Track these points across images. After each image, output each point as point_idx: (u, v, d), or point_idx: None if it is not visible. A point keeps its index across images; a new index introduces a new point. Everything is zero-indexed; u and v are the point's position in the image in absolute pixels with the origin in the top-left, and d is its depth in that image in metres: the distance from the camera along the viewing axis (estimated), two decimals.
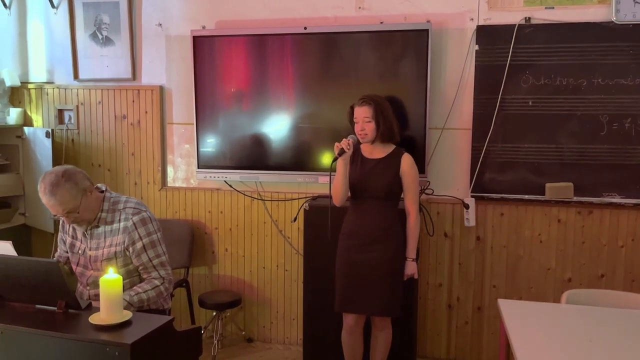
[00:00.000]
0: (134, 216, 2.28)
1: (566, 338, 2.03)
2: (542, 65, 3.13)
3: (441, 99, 3.32)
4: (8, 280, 1.86)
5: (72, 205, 2.15)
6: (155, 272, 2.31)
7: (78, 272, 2.37)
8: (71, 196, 2.14)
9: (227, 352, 3.59)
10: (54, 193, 2.11)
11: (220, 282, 3.78)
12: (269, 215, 3.65)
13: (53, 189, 2.11)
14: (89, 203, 2.22)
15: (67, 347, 1.64)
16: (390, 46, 3.27)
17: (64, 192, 2.12)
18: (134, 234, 2.27)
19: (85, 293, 2.34)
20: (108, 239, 2.30)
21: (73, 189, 2.15)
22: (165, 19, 3.69)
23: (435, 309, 3.48)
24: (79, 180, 2.19)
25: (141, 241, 2.28)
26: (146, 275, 2.32)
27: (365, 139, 2.74)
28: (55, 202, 2.12)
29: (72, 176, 2.17)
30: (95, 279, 2.29)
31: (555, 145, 3.17)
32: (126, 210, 2.31)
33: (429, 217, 3.36)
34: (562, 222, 3.27)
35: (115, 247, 2.28)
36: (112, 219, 2.30)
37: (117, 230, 2.29)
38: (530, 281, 3.33)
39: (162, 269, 2.33)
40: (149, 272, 2.31)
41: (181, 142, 3.77)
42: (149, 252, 2.29)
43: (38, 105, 3.98)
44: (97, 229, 2.31)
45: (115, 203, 2.33)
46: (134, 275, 2.34)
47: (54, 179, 2.13)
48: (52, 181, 2.13)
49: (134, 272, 2.34)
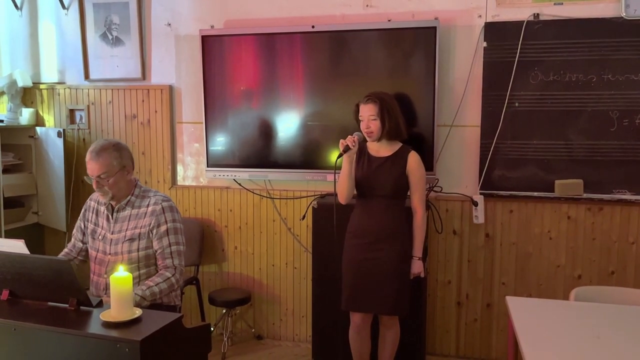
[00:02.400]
0: (164, 202, 2.42)
1: (574, 335, 2.02)
2: (551, 62, 3.12)
3: (449, 96, 3.31)
4: (21, 278, 1.89)
5: (108, 171, 2.31)
6: (170, 259, 2.37)
7: (98, 259, 2.43)
8: (111, 164, 2.32)
9: (237, 349, 3.62)
10: (99, 154, 2.31)
11: (230, 280, 3.81)
12: (278, 213, 3.67)
13: (101, 150, 2.32)
14: (122, 179, 2.37)
15: (79, 343, 1.67)
16: (398, 44, 3.27)
17: (107, 158, 2.31)
18: (161, 217, 2.38)
19: (102, 282, 2.39)
20: (132, 222, 2.40)
21: (116, 159, 2.33)
22: (174, 19, 3.72)
23: (444, 306, 3.48)
24: (124, 155, 2.39)
25: (166, 225, 2.38)
26: (162, 260, 2.37)
27: (371, 137, 2.74)
28: (96, 163, 2.30)
29: (120, 149, 2.38)
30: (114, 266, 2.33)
31: (565, 142, 3.15)
32: (156, 197, 2.45)
33: (437, 214, 3.36)
34: (572, 219, 3.25)
35: (140, 229, 2.37)
36: (140, 204, 2.42)
37: (144, 213, 2.40)
38: (540, 278, 3.32)
39: (178, 257, 2.39)
40: (165, 257, 2.37)
41: (191, 141, 3.80)
42: (170, 237, 2.38)
43: (50, 106, 4.03)
44: (124, 212, 2.42)
45: (146, 191, 2.48)
46: (152, 264, 2.39)
47: (105, 144, 2.35)
48: (103, 144, 2.35)
49: (152, 257, 2.39)
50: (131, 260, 2.34)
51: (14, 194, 3.82)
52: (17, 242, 2.05)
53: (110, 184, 2.33)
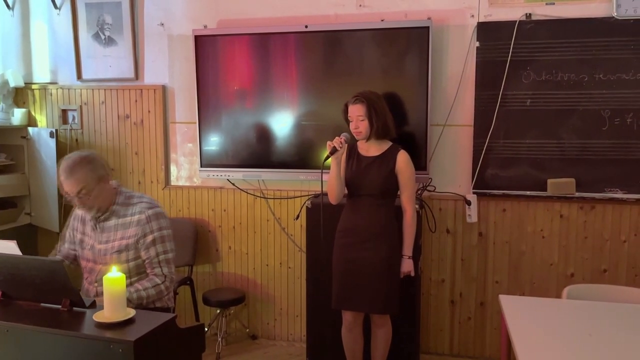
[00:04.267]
0: (148, 210, 2.35)
1: (566, 333, 2.04)
2: (543, 61, 3.13)
3: (442, 96, 3.32)
4: (13, 279, 1.88)
5: (86, 186, 2.23)
6: (159, 268, 2.33)
7: (88, 268, 2.39)
8: (87, 178, 2.23)
9: (231, 349, 3.62)
10: (72, 172, 2.22)
11: (224, 280, 3.80)
12: (272, 213, 3.67)
13: (73, 168, 2.23)
14: (102, 191, 2.30)
15: (72, 344, 1.66)
16: (391, 43, 3.27)
17: (81, 173, 2.23)
18: (147, 227, 2.32)
19: (92, 290, 2.37)
20: (119, 232, 2.34)
21: (90, 172, 2.25)
22: (167, 19, 3.71)
23: (438, 305, 3.49)
24: (97, 166, 2.29)
25: (152, 234, 2.32)
26: (150, 270, 2.34)
27: (359, 137, 2.75)
28: (72, 181, 2.22)
29: (91, 161, 2.29)
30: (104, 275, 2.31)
31: (557, 141, 3.17)
32: (141, 204, 2.37)
33: (431, 213, 3.37)
34: (564, 218, 3.27)
35: (127, 240, 2.32)
36: (124, 212, 2.35)
37: (129, 223, 2.34)
38: (533, 276, 3.34)
39: (167, 266, 2.35)
40: (153, 267, 2.34)
41: (184, 141, 3.79)
42: (157, 246, 2.33)
43: (42, 106, 4.01)
44: (109, 222, 2.36)
45: (129, 198, 2.40)
46: (143, 272, 2.37)
47: (76, 160, 2.26)
48: (73, 160, 2.25)
49: (143, 266, 2.36)
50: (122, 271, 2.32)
51: (6, 195, 3.81)
52: (9, 243, 2.04)
53: (93, 197, 2.26)
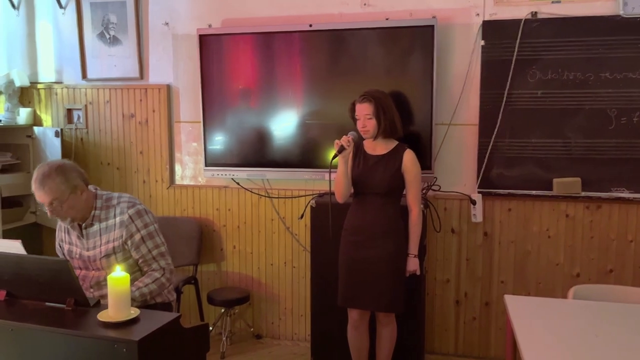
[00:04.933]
0: (129, 209, 2.31)
1: (572, 333, 2.02)
2: (549, 60, 3.11)
3: (447, 95, 3.31)
4: (18, 278, 1.89)
5: (57, 198, 2.18)
6: (156, 263, 2.33)
7: (81, 275, 2.36)
8: (59, 190, 2.18)
9: (236, 348, 3.62)
10: (43, 183, 2.17)
11: (228, 279, 3.81)
12: (276, 212, 3.67)
13: (43, 179, 2.17)
14: (77, 201, 2.24)
15: (76, 344, 1.66)
16: (396, 42, 3.26)
17: (52, 185, 2.17)
18: (131, 226, 2.29)
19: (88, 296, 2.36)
20: (104, 236, 2.31)
21: (62, 184, 2.19)
22: (172, 18, 3.71)
23: (442, 305, 3.48)
24: (71, 177, 2.22)
25: (139, 233, 2.30)
26: (147, 267, 2.34)
27: (366, 136, 2.75)
28: (43, 192, 2.18)
29: (65, 171, 2.22)
30: (98, 280, 2.31)
31: (563, 140, 3.15)
32: (120, 205, 2.33)
33: (435, 213, 3.35)
34: (570, 217, 3.25)
35: (113, 243, 2.30)
36: (106, 216, 2.32)
37: (112, 225, 2.30)
38: (539, 277, 3.32)
39: (162, 259, 2.35)
40: (149, 264, 2.33)
41: (189, 140, 3.79)
42: (147, 243, 2.32)
43: (47, 105, 4.02)
44: (92, 228, 2.32)
45: (108, 199, 2.35)
46: (135, 271, 2.36)
47: (47, 170, 2.19)
48: (44, 172, 2.19)
49: (135, 266, 2.35)
50: None
51: (12, 194, 3.81)
52: (14, 243, 2.04)
53: (66, 208, 2.22)
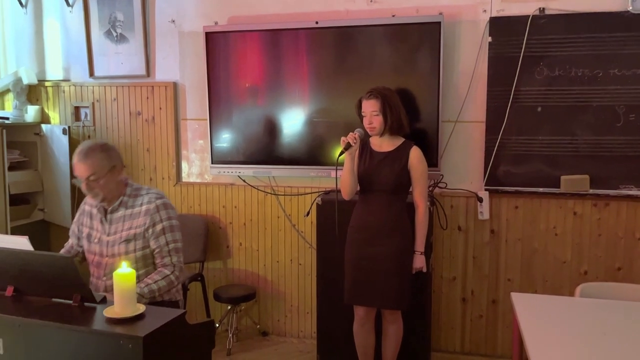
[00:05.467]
0: (157, 200, 2.38)
1: (579, 331, 2.01)
2: (556, 57, 3.09)
3: (454, 92, 3.29)
4: (25, 274, 1.90)
5: (97, 172, 2.27)
6: (169, 257, 2.35)
7: (95, 262, 2.41)
8: (100, 165, 2.27)
9: (242, 345, 3.63)
10: (86, 156, 2.27)
11: (234, 276, 3.81)
12: (282, 209, 3.67)
13: (88, 152, 2.28)
14: (112, 180, 2.33)
15: (82, 339, 1.67)
16: (402, 39, 3.25)
17: (95, 159, 2.27)
18: (156, 215, 2.35)
19: (100, 285, 2.38)
20: (127, 222, 2.36)
21: (104, 160, 2.29)
22: (179, 16, 3.71)
23: (449, 303, 3.47)
24: (112, 156, 2.34)
25: (162, 223, 2.35)
26: (160, 259, 2.36)
27: (373, 132, 2.74)
28: (84, 164, 2.26)
29: (108, 149, 2.34)
30: (112, 267, 2.32)
31: (571, 137, 3.13)
32: (149, 195, 2.40)
33: (442, 210, 3.34)
34: (577, 215, 3.23)
35: (135, 230, 2.34)
36: (133, 203, 2.38)
37: (138, 213, 2.36)
38: (546, 274, 3.30)
39: (176, 255, 2.37)
40: (163, 256, 2.35)
41: (195, 137, 3.80)
42: (167, 235, 2.35)
43: (55, 103, 4.04)
44: (117, 213, 2.38)
45: (137, 189, 2.44)
46: (150, 263, 2.38)
47: (92, 145, 2.32)
48: (90, 146, 2.31)
49: (149, 257, 2.37)
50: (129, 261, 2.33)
51: (20, 191, 3.85)
52: (21, 239, 2.05)
53: (101, 185, 2.28)
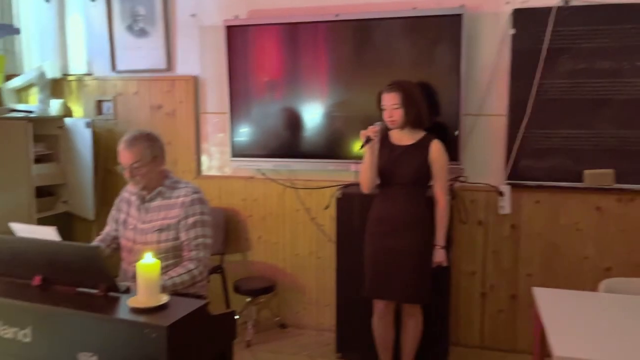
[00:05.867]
0: (193, 194, 2.43)
1: (603, 327, 1.99)
2: (581, 49, 3.04)
3: (475, 85, 3.26)
4: (52, 264, 1.94)
5: (139, 160, 2.35)
6: (195, 251, 2.38)
7: (128, 247, 2.47)
8: (144, 153, 2.36)
9: (261, 337, 3.65)
10: (132, 144, 2.36)
11: (254, 269, 3.84)
12: (302, 203, 3.68)
13: (134, 140, 2.37)
14: (154, 170, 2.40)
15: (107, 328, 1.70)
16: (423, 32, 3.23)
17: (140, 147, 2.36)
18: (190, 209, 2.39)
19: (130, 270, 2.43)
20: (162, 212, 2.42)
21: (148, 149, 2.37)
22: (199, 10, 3.73)
23: (468, 297, 3.45)
24: (156, 146, 2.42)
25: (194, 217, 2.39)
26: (187, 252, 2.39)
27: (393, 126, 2.73)
28: (129, 151, 2.35)
29: (153, 139, 2.42)
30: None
31: (595, 131, 3.08)
32: (186, 188, 2.46)
33: (462, 204, 3.32)
34: (601, 210, 3.18)
35: (169, 220, 2.39)
36: (170, 195, 2.44)
37: (174, 204, 2.42)
38: (567, 270, 3.26)
39: (203, 250, 2.40)
40: (190, 249, 2.39)
41: (215, 131, 3.83)
42: (197, 229, 2.39)
43: (78, 97, 4.10)
44: (154, 202, 2.44)
45: (176, 182, 2.49)
46: (179, 255, 2.42)
47: (138, 134, 2.40)
48: (136, 135, 2.39)
49: (180, 248, 2.41)
50: (160, 250, 2.37)
51: (44, 184, 3.91)
52: (49, 229, 2.10)
53: (142, 173, 2.36)
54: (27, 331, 1.79)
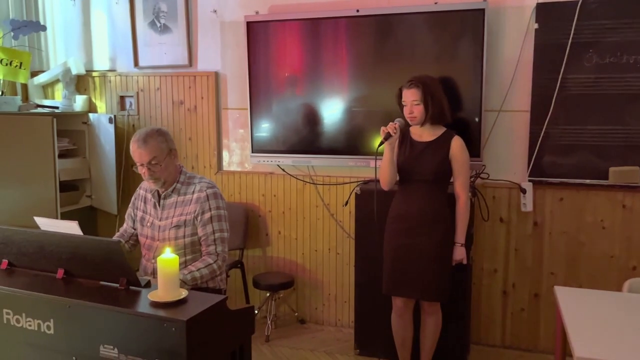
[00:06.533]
0: (208, 189, 2.44)
1: (626, 327, 1.94)
2: (607, 43, 2.97)
3: (498, 81, 3.22)
4: (75, 257, 1.97)
5: (158, 156, 2.35)
6: (214, 246, 2.41)
7: (146, 244, 2.50)
8: (159, 149, 2.36)
9: (280, 332, 3.67)
10: (146, 141, 2.34)
11: (273, 264, 3.86)
12: (321, 199, 3.68)
13: (146, 137, 2.35)
14: (170, 164, 2.41)
15: (128, 321, 1.73)
16: (445, 27, 3.19)
17: (154, 143, 2.35)
18: (206, 204, 2.41)
19: (150, 267, 2.46)
20: (179, 209, 2.44)
21: (162, 143, 2.37)
22: (220, 6, 3.75)
23: (489, 295, 3.41)
24: (169, 139, 2.43)
25: (210, 212, 2.41)
26: (205, 247, 2.42)
27: (414, 122, 2.71)
28: (145, 149, 2.34)
29: (164, 134, 2.42)
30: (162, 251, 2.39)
31: (622, 127, 3.01)
32: (201, 184, 2.47)
33: (484, 201, 3.28)
34: (627, 208, 3.11)
35: (185, 216, 2.41)
36: (185, 191, 2.45)
37: (189, 200, 2.43)
38: (592, 269, 3.20)
39: (221, 244, 2.42)
40: (209, 244, 2.41)
41: (236, 126, 3.85)
42: (214, 224, 2.41)
43: (102, 92, 4.16)
44: (170, 199, 2.46)
45: (191, 178, 2.50)
46: (197, 250, 2.44)
47: (149, 131, 2.39)
48: (147, 131, 2.38)
49: (198, 244, 2.44)
50: (178, 246, 2.40)
51: (69, 178, 3.98)
52: (71, 223, 2.13)
53: (162, 168, 2.37)
54: (49, 323, 1.83)
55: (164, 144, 2.37)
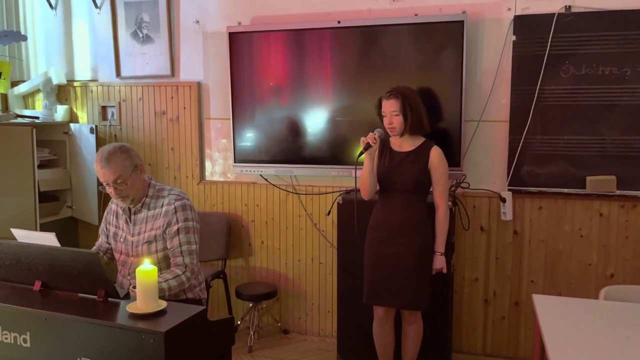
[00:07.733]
0: (176, 201, 2.41)
1: (602, 335, 1.98)
2: (583, 55, 3.04)
3: (477, 91, 3.26)
4: (52, 269, 1.96)
5: (122, 175, 2.31)
6: (181, 257, 2.36)
7: (121, 260, 2.47)
8: (123, 167, 2.31)
9: (263, 342, 3.66)
10: (109, 161, 2.30)
11: (256, 274, 3.85)
12: (304, 208, 3.69)
13: (109, 157, 2.30)
14: (137, 180, 2.37)
15: (106, 333, 1.71)
16: (425, 38, 3.23)
17: (118, 162, 2.30)
18: (173, 217, 2.38)
19: (126, 283, 2.43)
20: (149, 223, 2.41)
21: (126, 161, 2.33)
22: (202, 16, 3.76)
23: (471, 304, 3.44)
24: (132, 155, 2.38)
25: (177, 225, 2.37)
26: (173, 259, 2.38)
27: (393, 133, 2.74)
28: (109, 169, 2.30)
29: (128, 150, 2.37)
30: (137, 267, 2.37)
31: (597, 137, 3.07)
32: (170, 196, 2.43)
33: (464, 210, 3.32)
34: (604, 216, 3.17)
35: (156, 231, 2.38)
36: (155, 205, 2.42)
37: (158, 214, 2.40)
38: (570, 277, 3.25)
39: (189, 256, 2.37)
40: (176, 256, 2.37)
41: (218, 136, 3.85)
42: (181, 236, 2.37)
43: (83, 102, 4.14)
44: (140, 214, 2.43)
45: (160, 190, 2.47)
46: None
47: (111, 149, 2.34)
48: (109, 150, 2.33)
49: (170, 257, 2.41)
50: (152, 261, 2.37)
51: (49, 189, 3.95)
52: (49, 235, 2.11)
53: (128, 186, 2.33)
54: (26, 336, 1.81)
55: (127, 161, 2.33)
